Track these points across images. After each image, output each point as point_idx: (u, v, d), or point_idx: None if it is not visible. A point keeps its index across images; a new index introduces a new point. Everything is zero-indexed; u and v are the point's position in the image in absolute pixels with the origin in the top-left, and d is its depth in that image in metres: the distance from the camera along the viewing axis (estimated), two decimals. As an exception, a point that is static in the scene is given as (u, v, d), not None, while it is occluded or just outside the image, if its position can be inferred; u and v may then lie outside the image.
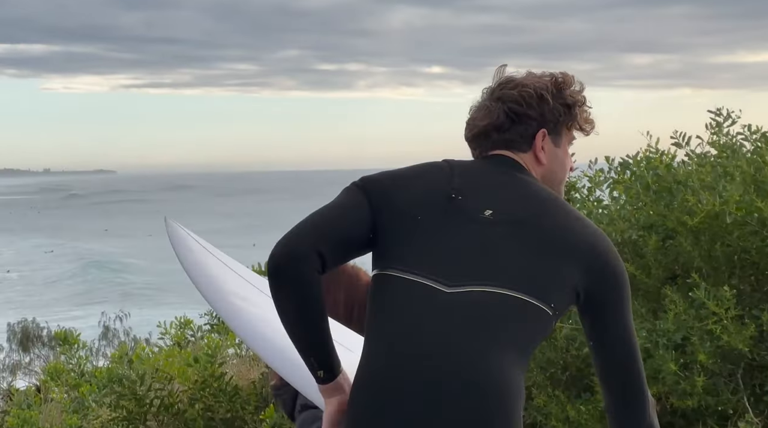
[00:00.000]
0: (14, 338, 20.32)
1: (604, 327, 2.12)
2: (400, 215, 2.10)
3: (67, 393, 6.47)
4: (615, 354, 2.13)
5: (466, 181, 2.14)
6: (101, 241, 66.51)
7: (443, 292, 2.02)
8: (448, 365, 1.99)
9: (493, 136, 2.20)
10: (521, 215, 2.10)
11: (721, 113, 4.86)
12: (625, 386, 2.14)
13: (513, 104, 2.18)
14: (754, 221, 4.24)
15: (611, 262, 2.12)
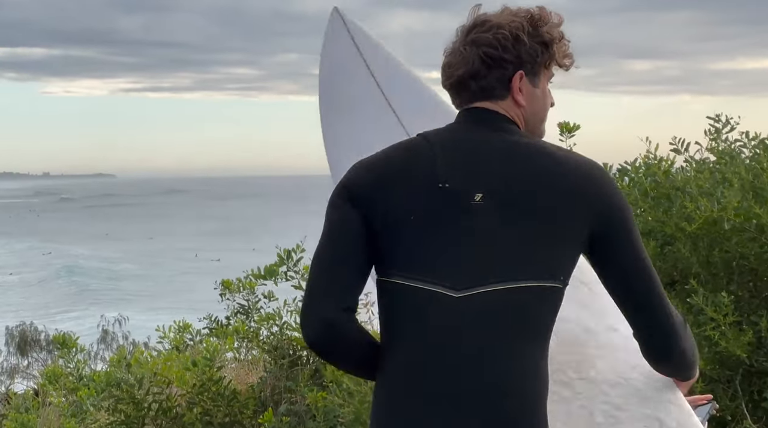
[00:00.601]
0: (12, 341, 20.31)
1: (617, 263, 2.08)
2: (392, 216, 2.03)
3: (65, 396, 6.47)
4: (631, 288, 2.09)
5: (449, 160, 2.05)
6: (89, 245, 66.50)
7: (452, 297, 1.98)
8: (466, 375, 1.97)
9: (470, 85, 2.12)
10: (511, 191, 2.01)
11: (720, 119, 4.87)
12: (651, 317, 2.11)
13: (488, 49, 2.09)
14: (753, 227, 4.24)
15: (609, 198, 2.06)
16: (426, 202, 2.02)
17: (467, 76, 2.12)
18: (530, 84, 2.14)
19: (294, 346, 5.93)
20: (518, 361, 1.99)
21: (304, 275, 5.93)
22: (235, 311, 6.43)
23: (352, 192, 2.07)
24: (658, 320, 2.11)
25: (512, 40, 2.09)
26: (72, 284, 46.35)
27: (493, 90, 2.12)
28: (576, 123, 5.05)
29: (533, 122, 2.17)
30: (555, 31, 2.14)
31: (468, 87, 2.13)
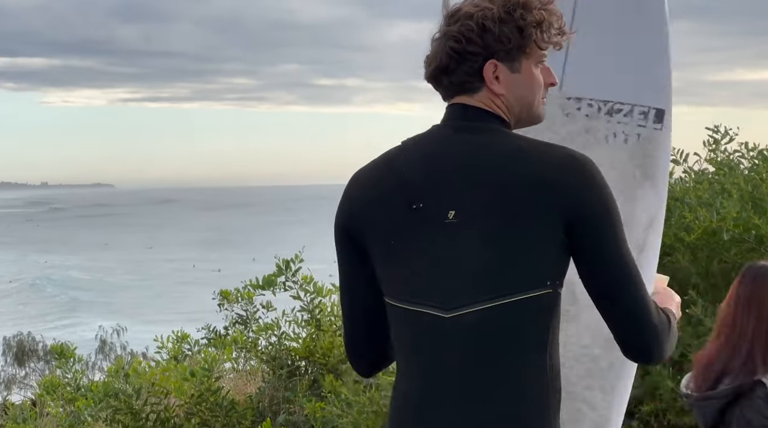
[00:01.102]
0: (10, 352, 20.28)
1: (591, 261, 1.95)
2: (378, 243, 2.04)
3: (63, 407, 6.46)
4: (605, 281, 1.96)
5: (422, 178, 2.01)
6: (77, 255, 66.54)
7: (443, 318, 1.97)
8: (460, 400, 1.96)
9: (443, 80, 2.06)
10: (484, 203, 1.96)
11: (719, 130, 4.88)
12: (631, 323, 1.97)
13: (453, 43, 2.01)
14: (752, 238, 4.25)
15: (580, 190, 1.94)
16: (404, 224, 2.01)
17: (438, 72, 2.06)
18: (508, 70, 2.03)
19: (292, 356, 5.92)
20: (515, 383, 1.95)
21: (302, 285, 5.94)
22: (233, 322, 6.43)
23: (344, 230, 2.08)
24: (638, 327, 1.97)
25: (478, 30, 2.01)
26: (64, 294, 46.35)
27: (465, 83, 2.04)
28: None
29: (520, 107, 2.08)
30: (535, 13, 2.02)
31: (441, 82, 2.08)
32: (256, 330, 6.18)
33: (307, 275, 5.98)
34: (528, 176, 1.94)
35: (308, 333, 5.92)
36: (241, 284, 6.49)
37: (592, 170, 1.96)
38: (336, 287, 5.99)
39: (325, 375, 5.52)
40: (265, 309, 6.27)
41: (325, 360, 5.74)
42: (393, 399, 2.08)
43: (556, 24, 2.05)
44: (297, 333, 5.98)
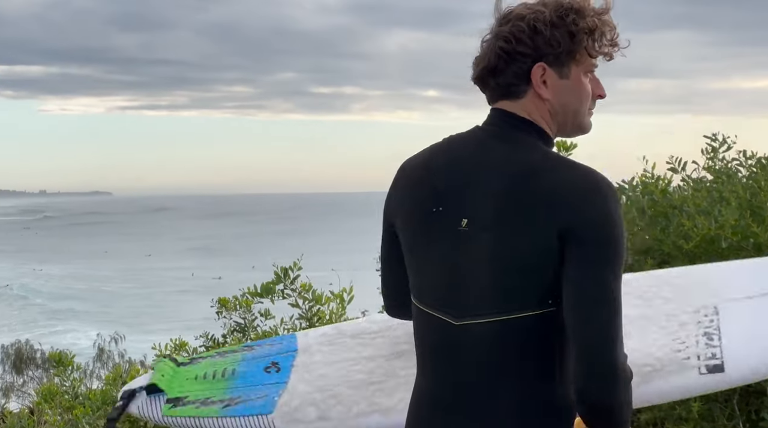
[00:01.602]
0: (8, 360, 20.26)
1: (571, 278, 1.89)
2: (405, 237, 2.13)
3: (61, 415, 6.44)
4: (577, 312, 1.88)
5: (448, 179, 2.04)
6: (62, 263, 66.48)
7: (453, 325, 2.01)
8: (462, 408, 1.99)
9: (489, 82, 2.06)
10: (491, 213, 1.96)
11: (717, 138, 4.89)
12: (595, 353, 1.87)
13: (503, 43, 2.01)
14: (750, 246, 4.25)
15: (584, 210, 1.90)
16: (425, 225, 2.06)
17: (486, 73, 2.06)
18: (557, 75, 2.03)
19: (290, 364, 5.91)
20: (515, 399, 1.96)
21: (301, 293, 5.92)
22: (231, 330, 6.40)
23: (385, 215, 2.22)
24: (601, 358, 1.87)
25: (529, 31, 2.00)
26: (60, 303, 46.27)
27: (512, 86, 2.04)
28: (573, 142, 5.06)
29: (564, 115, 2.07)
30: (588, 20, 2.01)
31: (488, 83, 2.07)
32: (254, 338, 6.16)
33: (305, 283, 5.97)
34: (543, 191, 1.92)
35: (306, 341, 5.91)
36: (240, 291, 6.48)
37: (607, 195, 1.92)
38: (334, 295, 5.99)
39: (323, 383, 5.51)
40: (264, 317, 6.25)
41: (324, 368, 5.73)
42: (412, 393, 2.12)
43: (608, 34, 2.04)
44: (295, 341, 5.97)
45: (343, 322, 2.66)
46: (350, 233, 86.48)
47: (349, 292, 5.99)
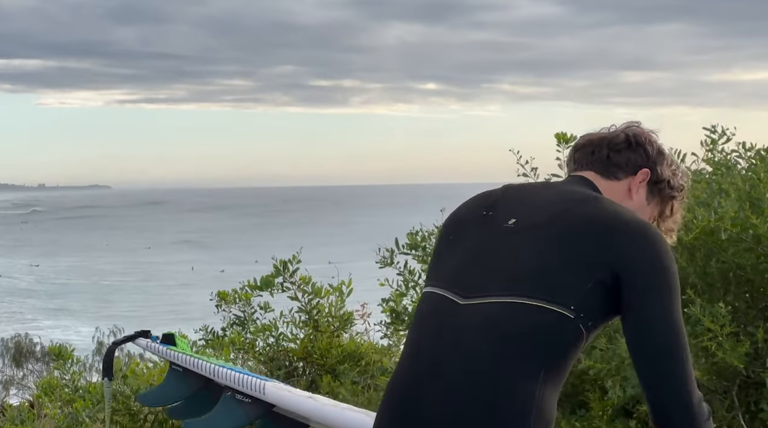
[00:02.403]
0: (7, 353, 20.28)
1: (633, 312, 1.96)
2: (441, 238, 2.23)
3: (61, 408, 6.45)
4: (643, 346, 1.95)
5: (505, 197, 2.19)
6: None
7: (458, 304, 2.04)
8: (453, 379, 1.99)
9: (601, 148, 2.23)
10: (544, 216, 2.07)
11: (716, 130, 4.88)
12: (665, 385, 1.95)
13: (636, 133, 2.25)
14: (749, 238, 4.25)
15: (640, 248, 1.99)
16: (468, 225, 2.17)
17: (604, 143, 2.23)
18: (647, 191, 2.25)
19: (290, 357, 5.92)
20: (506, 378, 1.97)
21: (300, 286, 5.93)
22: (231, 323, 6.41)
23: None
24: (672, 390, 1.96)
25: (657, 153, 2.25)
26: (59, 297, 46.28)
27: (616, 165, 2.21)
28: (573, 134, 5.06)
29: None
30: (683, 186, 2.30)
31: (595, 147, 2.24)
32: (253, 331, 6.17)
33: (305, 276, 5.98)
34: (597, 218, 2.03)
35: (306, 334, 5.92)
36: (239, 285, 6.49)
37: (656, 240, 2.03)
38: (333, 288, 6.00)
39: (323, 375, 5.52)
40: (263, 310, 6.26)
41: (323, 361, 5.74)
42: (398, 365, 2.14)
43: (680, 201, 2.32)
44: (295, 334, 5.98)
45: None
46: (350, 225, 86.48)
47: (347, 285, 6.00)
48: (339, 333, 5.98)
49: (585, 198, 2.09)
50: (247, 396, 2.69)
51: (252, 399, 2.68)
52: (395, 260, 5.27)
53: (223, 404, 2.73)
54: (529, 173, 5.07)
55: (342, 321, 6.00)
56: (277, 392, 2.67)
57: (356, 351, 5.76)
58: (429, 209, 5.92)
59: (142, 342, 3.08)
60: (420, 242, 5.19)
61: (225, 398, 2.73)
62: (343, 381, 5.22)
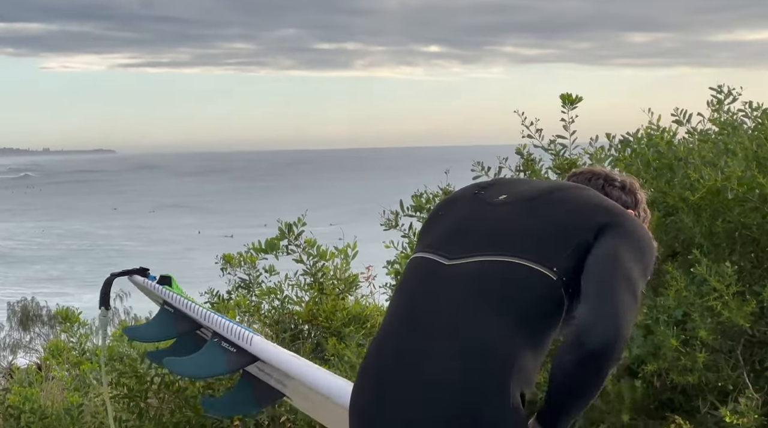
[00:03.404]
0: (14, 317, 20.37)
1: (596, 249, 2.08)
2: (432, 216, 2.32)
3: (68, 371, 6.48)
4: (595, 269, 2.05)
5: (498, 183, 2.33)
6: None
7: (443, 265, 2.11)
8: (438, 332, 2.03)
9: (597, 180, 2.39)
10: (535, 193, 2.20)
11: (722, 90, 4.86)
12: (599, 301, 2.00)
13: (631, 185, 2.45)
14: (755, 197, 4.24)
15: (627, 222, 2.15)
16: (459, 203, 2.28)
17: (603, 175, 2.41)
18: None
19: (295, 320, 5.93)
20: (491, 331, 2.00)
21: (305, 249, 5.93)
22: (236, 286, 6.42)
23: None
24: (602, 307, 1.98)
25: (640, 203, 2.45)
26: (64, 261, 46.38)
27: (607, 196, 2.33)
28: (578, 95, 5.03)
29: None
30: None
31: (590, 178, 2.40)
32: (258, 294, 6.17)
33: (309, 239, 5.97)
34: (584, 194, 2.19)
35: (311, 297, 5.93)
36: (244, 248, 6.48)
37: (635, 220, 2.19)
38: (339, 250, 5.99)
39: (328, 338, 5.53)
40: (268, 273, 6.26)
41: (328, 324, 5.75)
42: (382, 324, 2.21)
43: None
44: (300, 297, 5.98)
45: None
46: (356, 188, 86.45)
47: (353, 248, 5.99)
48: (344, 296, 5.99)
49: (575, 184, 2.29)
50: (233, 345, 2.69)
51: (237, 349, 2.69)
52: (400, 223, 5.27)
53: (208, 348, 2.73)
54: (534, 135, 5.04)
55: (347, 284, 6.00)
56: (263, 345, 2.69)
57: (361, 314, 5.77)
58: (433, 171, 5.91)
59: (139, 279, 3.07)
60: (425, 204, 5.18)
61: (211, 343, 2.73)
62: (348, 343, 5.23)
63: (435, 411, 1.95)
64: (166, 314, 2.96)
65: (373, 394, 2.06)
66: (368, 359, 2.14)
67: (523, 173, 5.07)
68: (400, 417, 1.99)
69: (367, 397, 2.08)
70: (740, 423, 3.93)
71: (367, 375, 2.11)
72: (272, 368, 2.69)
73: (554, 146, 5.00)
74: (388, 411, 2.01)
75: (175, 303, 2.92)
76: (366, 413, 2.07)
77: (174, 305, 2.93)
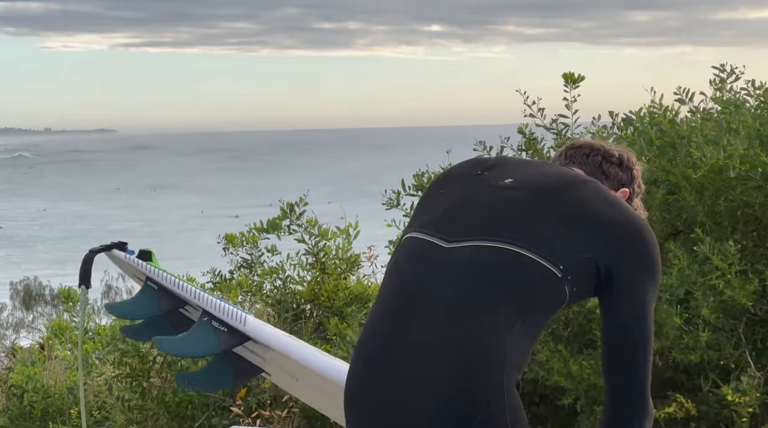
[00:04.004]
0: (17, 296, 20.41)
1: (616, 304, 2.08)
2: (429, 193, 2.27)
3: (71, 350, 6.50)
4: (620, 336, 2.08)
5: (502, 163, 2.25)
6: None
7: (442, 247, 2.07)
8: (435, 316, 2.01)
9: (595, 157, 2.35)
10: (543, 184, 2.14)
11: (725, 69, 4.84)
12: (630, 373, 2.09)
13: (628, 160, 2.40)
14: (758, 176, 4.23)
15: (640, 241, 2.11)
16: (461, 182, 2.21)
17: (601, 151, 2.37)
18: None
19: (297, 299, 5.94)
20: (485, 318, 1.98)
21: (307, 229, 5.93)
22: (238, 266, 6.43)
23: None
24: (635, 378, 2.09)
25: (636, 178, 2.42)
26: (70, 241, 46.42)
27: (604, 174, 2.33)
28: (580, 74, 5.01)
29: None
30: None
31: (588, 154, 2.36)
32: (261, 274, 6.18)
33: (311, 218, 5.97)
34: (599, 204, 2.12)
35: (313, 276, 5.93)
36: (246, 228, 6.48)
37: (650, 240, 2.13)
38: (340, 230, 5.99)
39: (330, 317, 5.54)
40: (270, 253, 6.27)
41: (330, 303, 5.76)
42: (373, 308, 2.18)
43: None
44: (302, 277, 5.99)
45: None
46: (356, 168, 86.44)
47: (354, 227, 5.99)
48: (346, 276, 5.99)
49: (585, 180, 2.20)
50: (224, 324, 2.66)
51: (228, 329, 2.65)
52: (401, 202, 5.26)
53: (199, 328, 2.68)
54: (536, 114, 5.03)
55: (349, 264, 6.00)
56: (257, 325, 2.66)
57: (363, 294, 5.77)
58: (435, 150, 5.89)
59: (119, 254, 2.97)
60: (426, 183, 5.17)
61: (201, 322, 2.68)
62: (350, 323, 5.24)
63: (430, 395, 1.94)
64: (150, 290, 2.87)
65: (368, 377, 2.05)
66: (364, 342, 2.11)
67: (525, 152, 5.06)
68: (394, 401, 1.99)
69: (362, 380, 2.07)
70: (742, 401, 3.94)
71: (363, 358, 2.09)
72: (256, 345, 2.67)
73: (556, 125, 4.99)
74: (382, 394, 2.01)
75: (161, 280, 2.83)
76: (360, 397, 2.06)
77: (159, 282, 2.85)
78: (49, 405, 6.50)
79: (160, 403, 5.59)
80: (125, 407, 5.71)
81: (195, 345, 2.68)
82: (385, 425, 2.00)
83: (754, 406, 3.98)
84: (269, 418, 5.04)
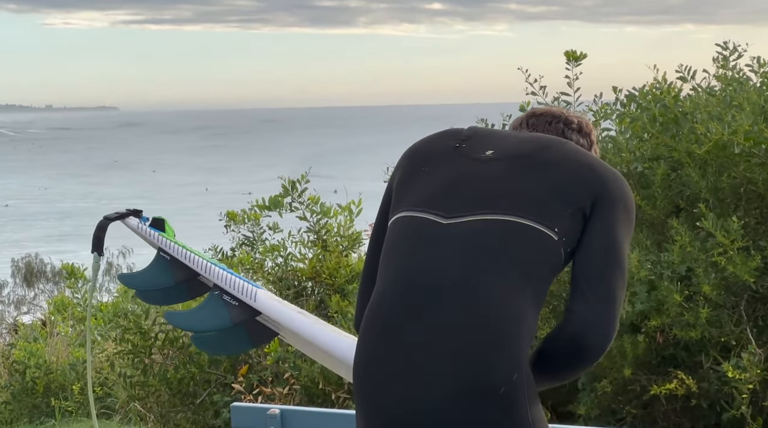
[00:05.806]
0: (18, 273, 20.45)
1: (588, 233, 2.08)
2: (409, 171, 2.23)
3: (73, 327, 6.52)
4: (591, 259, 2.07)
5: (476, 135, 2.25)
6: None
7: (441, 224, 2.07)
8: (440, 293, 2.00)
9: (557, 124, 2.38)
10: (524, 150, 2.16)
11: (728, 46, 4.82)
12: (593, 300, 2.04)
13: (587, 126, 2.43)
14: (762, 152, 4.22)
15: (616, 186, 2.13)
16: (441, 157, 2.21)
17: (562, 118, 2.40)
18: None
19: (299, 277, 5.94)
20: (494, 290, 1.98)
21: (309, 206, 5.92)
22: (240, 243, 6.43)
23: (398, 163, 2.30)
24: (599, 307, 2.04)
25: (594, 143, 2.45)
26: (67, 219, 46.44)
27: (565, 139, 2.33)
28: (582, 52, 5.00)
29: None
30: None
31: (550, 121, 2.39)
32: (262, 251, 6.18)
33: (313, 196, 5.96)
34: (578, 154, 2.17)
35: (314, 254, 5.93)
36: (248, 205, 6.48)
37: (624, 182, 2.17)
38: (342, 208, 5.99)
39: (331, 295, 5.54)
40: (272, 230, 6.27)
41: (332, 281, 5.76)
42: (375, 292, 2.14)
43: None
44: (303, 254, 5.99)
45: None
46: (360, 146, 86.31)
47: (357, 205, 5.99)
48: (347, 253, 5.99)
49: (559, 140, 2.23)
50: (235, 299, 2.65)
51: (239, 303, 2.65)
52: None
53: (210, 302, 2.66)
54: (537, 92, 5.02)
55: (350, 241, 6.00)
56: (268, 301, 2.65)
57: (365, 271, 5.78)
58: (437, 128, 5.87)
59: (133, 222, 2.93)
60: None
61: (212, 296, 2.67)
62: (352, 300, 5.25)
63: (454, 368, 1.95)
64: (163, 261, 2.82)
65: (383, 352, 2.04)
66: (374, 317, 2.08)
67: (527, 129, 5.05)
68: (415, 374, 1.98)
69: (375, 355, 2.06)
70: (742, 378, 3.95)
71: (377, 329, 2.07)
72: (268, 318, 2.67)
73: (558, 103, 4.98)
74: (400, 367, 2.00)
75: (174, 253, 2.82)
76: (375, 370, 2.05)
77: (170, 254, 2.83)
78: (51, 381, 6.53)
79: (161, 380, 5.61)
80: (127, 383, 5.73)
81: (206, 320, 2.67)
82: (406, 396, 2.00)
83: (754, 383, 3.99)
84: (270, 395, 5.05)
